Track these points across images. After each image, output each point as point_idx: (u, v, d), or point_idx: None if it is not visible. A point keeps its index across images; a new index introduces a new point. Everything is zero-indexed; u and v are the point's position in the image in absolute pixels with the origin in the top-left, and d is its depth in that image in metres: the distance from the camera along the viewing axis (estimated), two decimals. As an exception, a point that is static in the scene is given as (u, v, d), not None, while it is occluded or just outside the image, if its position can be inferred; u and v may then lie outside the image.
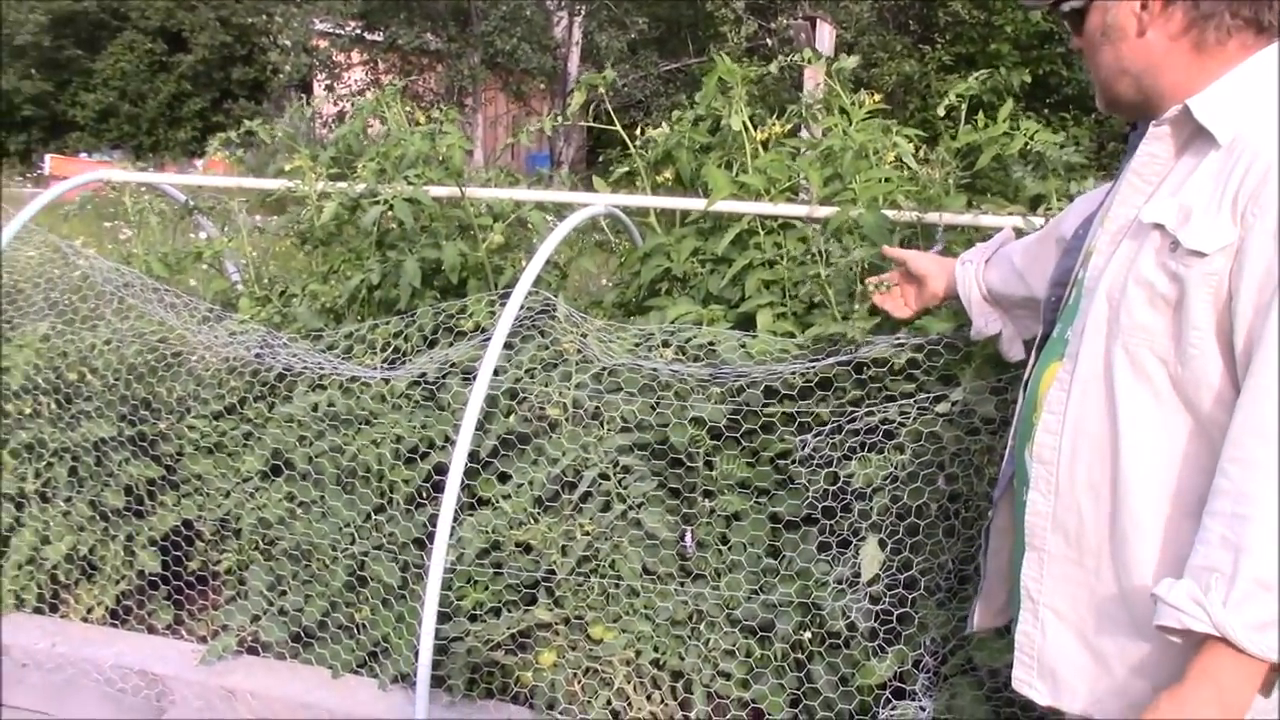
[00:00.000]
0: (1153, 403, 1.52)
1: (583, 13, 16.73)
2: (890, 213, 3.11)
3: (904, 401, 2.69)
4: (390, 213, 3.42)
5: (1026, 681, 1.68)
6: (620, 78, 17.23)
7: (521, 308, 2.95)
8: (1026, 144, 3.21)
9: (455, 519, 2.76)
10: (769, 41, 16.53)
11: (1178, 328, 1.49)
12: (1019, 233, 2.47)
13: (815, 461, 2.71)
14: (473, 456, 2.83)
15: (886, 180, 3.23)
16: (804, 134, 4.09)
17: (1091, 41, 1.67)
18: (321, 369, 3.15)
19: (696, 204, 3.36)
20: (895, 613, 2.59)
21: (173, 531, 3.27)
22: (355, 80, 18.37)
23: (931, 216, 3.12)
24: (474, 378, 2.82)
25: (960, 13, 16.51)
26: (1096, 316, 1.59)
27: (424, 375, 3.08)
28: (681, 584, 2.81)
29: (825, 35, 11.85)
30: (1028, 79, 16.31)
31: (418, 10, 17.22)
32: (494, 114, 20.27)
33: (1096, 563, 1.59)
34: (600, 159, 15.31)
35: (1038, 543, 1.66)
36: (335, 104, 17.36)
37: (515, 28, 16.58)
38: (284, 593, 3.09)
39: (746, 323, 3.14)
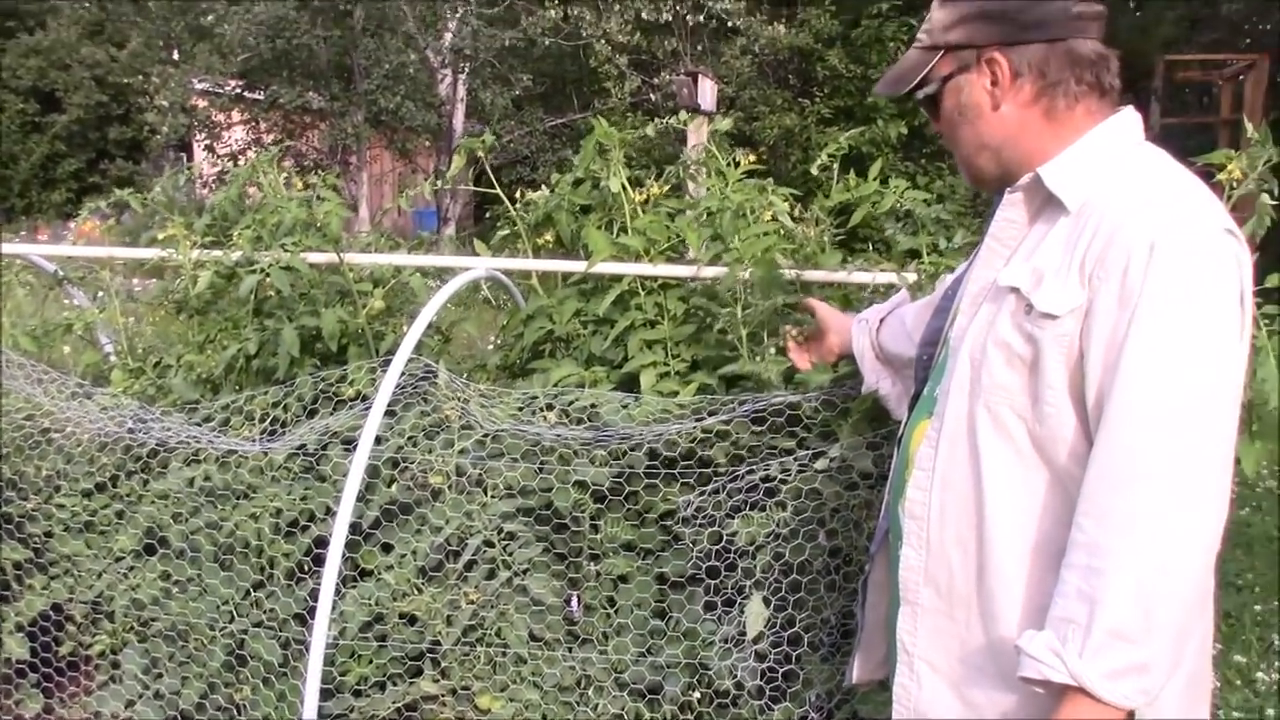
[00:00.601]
0: (1014, 459, 1.59)
1: (467, 70, 16.77)
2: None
3: (785, 458, 2.73)
4: (268, 280, 3.37)
5: None
6: (506, 134, 17.33)
7: (402, 374, 2.92)
8: (897, 201, 3.29)
9: (337, 592, 2.71)
10: (652, 97, 16.78)
11: (1035, 386, 1.56)
12: (913, 294, 2.54)
13: (699, 521, 2.73)
14: (354, 528, 2.79)
15: (765, 236, 3.29)
16: (690, 190, 4.15)
17: (950, 122, 1.76)
18: (197, 442, 3.08)
19: (577, 266, 3.38)
20: (781, 670, 2.61)
21: (41, 616, 3.14)
22: (236, 139, 18.14)
23: (808, 273, 3.18)
24: (355, 447, 2.79)
25: (837, 67, 16.95)
26: (960, 376, 1.66)
27: (303, 446, 3.03)
28: (569, 649, 2.79)
29: (707, 90, 12.08)
30: (904, 131, 16.77)
31: (299, 69, 17.11)
32: (379, 171, 20.20)
33: (966, 615, 1.65)
34: (488, 215, 15.33)
35: (911, 596, 1.72)
36: (215, 164, 17.13)
37: (399, 85, 16.57)
38: (160, 675, 2.99)
39: (630, 383, 3.16)
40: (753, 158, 3.65)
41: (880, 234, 3.47)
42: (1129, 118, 1.68)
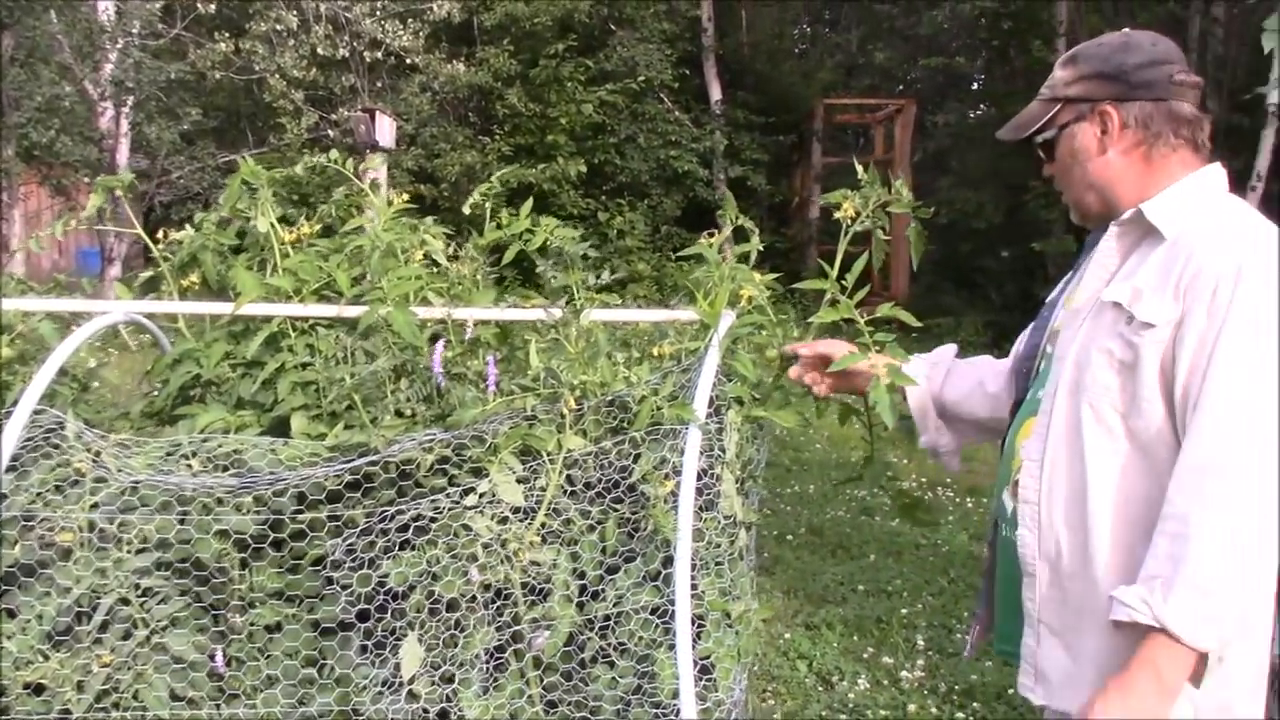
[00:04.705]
0: (1111, 447, 1.91)
1: (130, 103, 15.91)
2: (421, 310, 3.18)
3: (435, 496, 2.73)
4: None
5: (1029, 686, 2.05)
6: (175, 169, 16.56)
7: (28, 427, 2.75)
8: (547, 240, 3.36)
9: (-49, 666, 2.51)
10: (331, 133, 16.48)
11: (1133, 385, 1.88)
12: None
13: (349, 564, 2.69)
14: (-28, 595, 2.59)
15: (417, 278, 3.29)
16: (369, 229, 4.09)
17: (1064, 165, 2.11)
18: None
19: (223, 308, 3.27)
20: (434, 709, 2.60)
21: None
22: None
23: (460, 311, 3.21)
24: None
25: (517, 105, 17.19)
26: (1066, 379, 1.98)
27: (-88, 509, 2.78)
28: (217, 706, 2.69)
29: (385, 127, 11.97)
30: (584, 168, 17.18)
31: (-64, 100, 15.74)
32: (35, 208, 18.84)
33: (1072, 583, 1.96)
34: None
35: (1030, 570, 2.02)
36: None
37: (53, 119, 15.50)
38: None
39: (281, 426, 3.09)
40: (406, 196, 3.66)
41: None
42: (1217, 171, 2.03)
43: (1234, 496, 1.73)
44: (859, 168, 2.92)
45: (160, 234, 3.59)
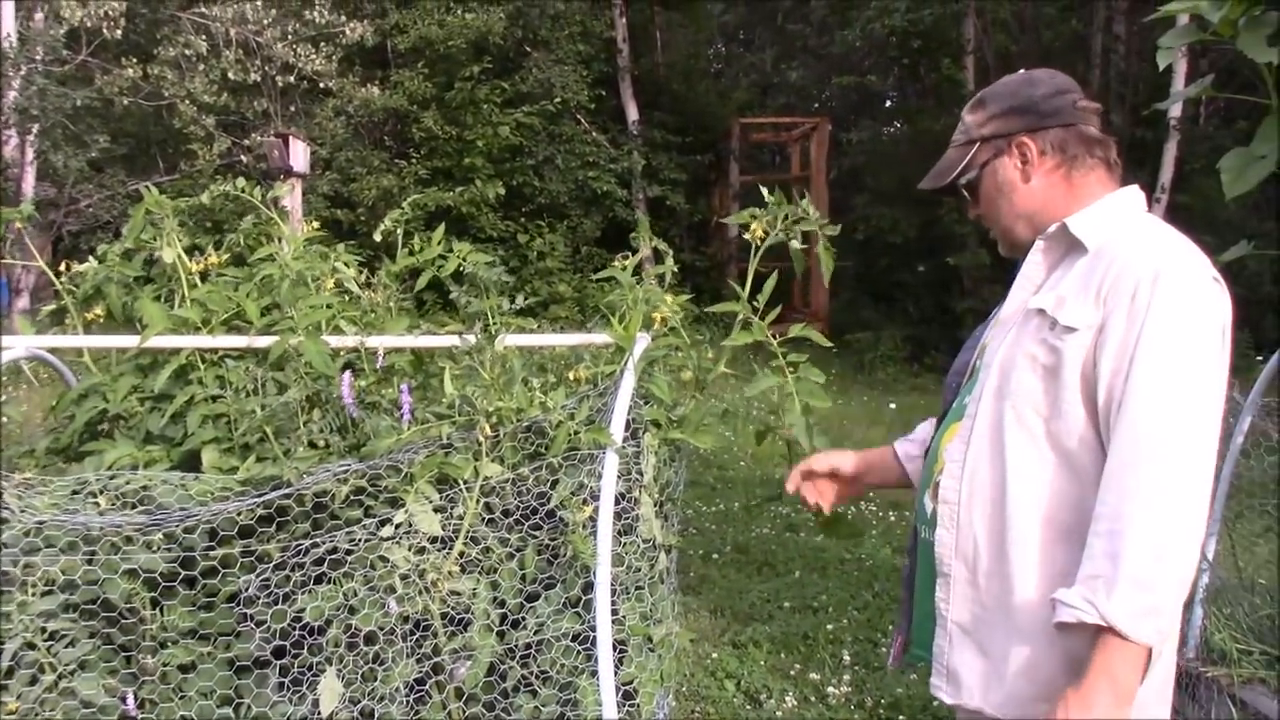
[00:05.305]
0: (1032, 448, 1.95)
1: (35, 131, 15.55)
2: (333, 339, 3.14)
3: (351, 529, 2.69)
4: None
5: (939, 687, 2.06)
6: (84, 198, 16.22)
7: (-76, 469, 2.66)
8: (460, 265, 3.35)
9: None
10: (244, 159, 16.26)
11: (1054, 389, 1.93)
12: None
13: (264, 600, 2.64)
14: None
15: (328, 306, 3.25)
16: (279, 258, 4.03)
17: (989, 200, 2.17)
18: None
19: (130, 340, 3.21)
20: (354, 745, 2.56)
21: None
22: None
23: (373, 340, 3.18)
24: None
25: (433, 129, 17.08)
26: (990, 384, 2.03)
27: None
28: (129, 750, 2.62)
29: (299, 152, 11.81)
30: (502, 190, 17.13)
31: None
32: (-63, 241, 18.28)
33: (988, 582, 1.99)
34: (67, 285, 14.18)
35: (945, 570, 2.05)
36: None
37: (-46, 147, 15.12)
38: None
39: (192, 460, 3.03)
40: (318, 223, 3.62)
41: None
42: (1136, 192, 2.11)
43: (1161, 492, 1.77)
44: (764, 191, 2.94)
45: (64, 266, 3.52)
